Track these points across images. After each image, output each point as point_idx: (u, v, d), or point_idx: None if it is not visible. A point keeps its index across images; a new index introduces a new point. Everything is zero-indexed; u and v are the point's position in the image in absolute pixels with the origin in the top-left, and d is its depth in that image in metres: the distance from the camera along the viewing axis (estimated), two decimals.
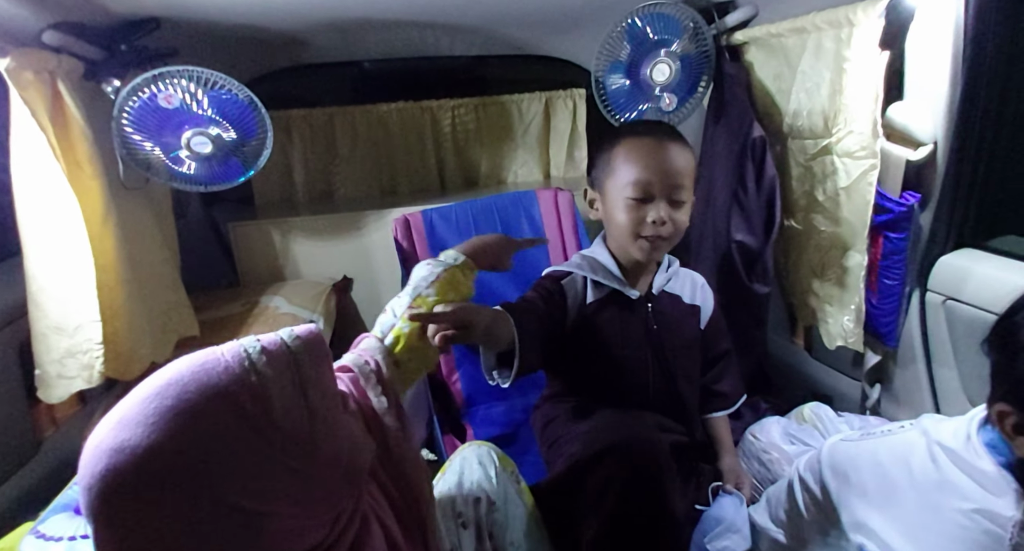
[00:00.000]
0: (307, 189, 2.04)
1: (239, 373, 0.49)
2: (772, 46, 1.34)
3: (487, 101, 2.06)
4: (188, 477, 0.45)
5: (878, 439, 0.76)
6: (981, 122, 1.05)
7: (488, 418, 1.57)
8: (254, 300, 1.60)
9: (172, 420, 0.45)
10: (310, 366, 0.53)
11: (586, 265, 1.11)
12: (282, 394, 0.50)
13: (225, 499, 0.46)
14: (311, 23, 1.48)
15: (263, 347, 0.52)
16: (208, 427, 0.46)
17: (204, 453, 0.46)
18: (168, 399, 0.46)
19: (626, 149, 1.03)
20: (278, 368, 0.51)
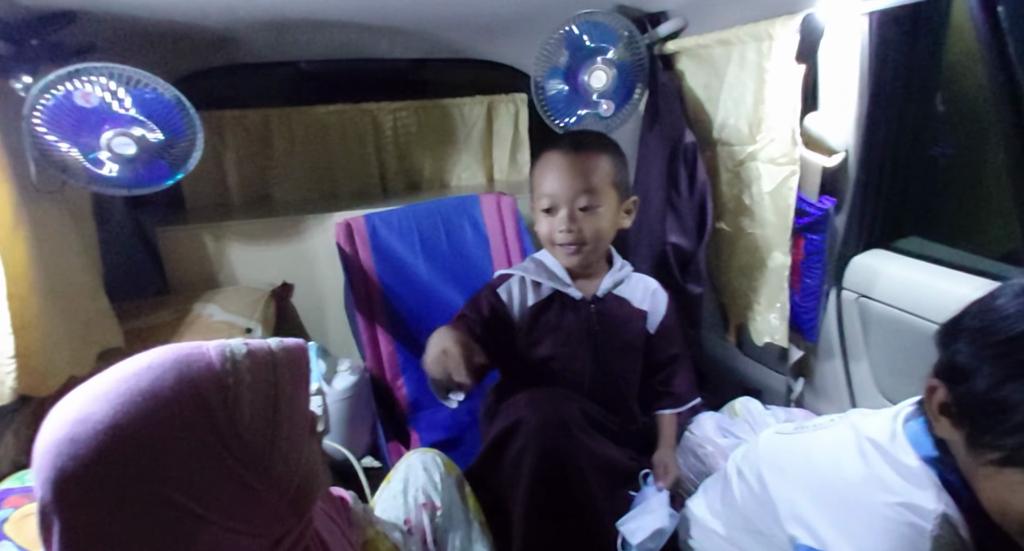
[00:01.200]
0: (242, 192, 1.97)
1: (218, 372, 0.49)
2: (701, 56, 1.40)
3: (429, 105, 2.06)
4: (139, 462, 0.45)
5: (811, 433, 0.78)
6: (886, 132, 1.13)
7: (434, 423, 1.57)
8: (185, 308, 1.53)
9: (140, 403, 0.45)
10: (288, 381, 0.53)
11: (532, 267, 1.15)
12: (253, 403, 0.50)
13: (169, 494, 0.45)
14: (243, 21, 1.44)
15: (249, 350, 0.52)
16: (172, 419, 0.46)
17: (161, 443, 0.45)
18: (143, 382, 0.47)
19: (539, 164, 1.11)
20: (257, 375, 0.51)
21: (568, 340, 1.12)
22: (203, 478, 0.47)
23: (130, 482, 0.44)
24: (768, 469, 0.79)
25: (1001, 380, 0.51)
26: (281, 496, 0.51)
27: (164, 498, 0.45)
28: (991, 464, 0.53)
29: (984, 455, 0.54)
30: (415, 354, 1.62)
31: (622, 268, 1.19)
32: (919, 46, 1.09)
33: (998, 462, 0.53)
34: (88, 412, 0.45)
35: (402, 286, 1.62)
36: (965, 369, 0.55)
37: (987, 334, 0.54)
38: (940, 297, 1.03)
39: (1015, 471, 0.51)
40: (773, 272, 1.29)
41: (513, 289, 1.14)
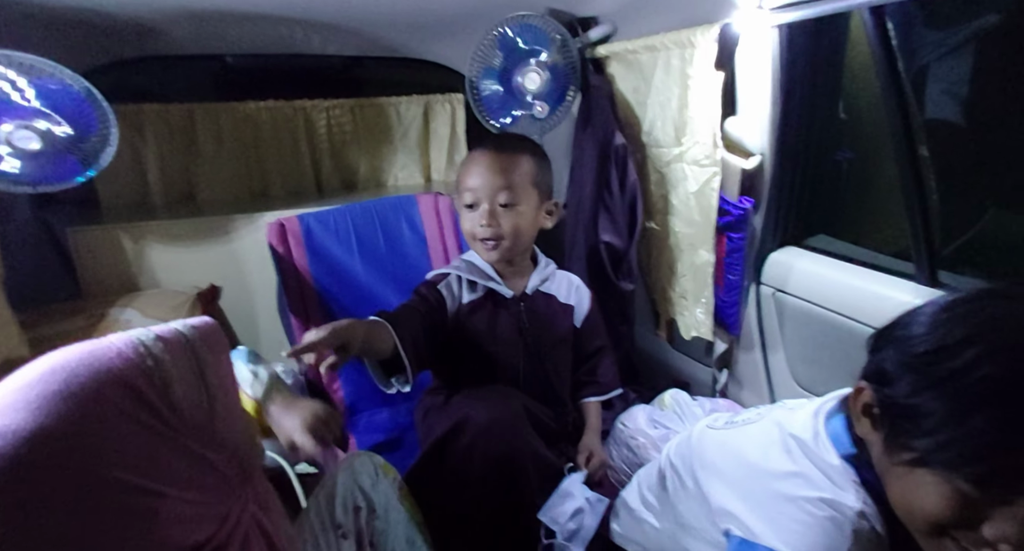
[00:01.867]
0: (164, 191, 1.87)
1: (134, 358, 0.48)
2: (630, 61, 1.45)
3: (364, 103, 2.02)
4: (77, 460, 0.43)
5: (740, 429, 0.80)
6: (796, 137, 1.21)
7: (372, 425, 1.54)
8: (100, 313, 1.44)
9: (59, 404, 0.44)
10: (207, 352, 0.53)
11: (464, 267, 1.16)
12: (181, 378, 0.50)
13: (117, 480, 0.44)
14: (163, 11, 1.37)
15: (157, 335, 0.51)
16: (100, 409, 0.45)
17: (95, 435, 0.44)
18: (53, 384, 0.45)
19: (464, 162, 1.14)
20: (175, 354, 0.51)
21: (501, 338, 1.14)
22: (150, 457, 0.47)
23: (74, 483, 0.43)
24: (700, 465, 0.82)
25: (918, 389, 0.55)
26: (228, 459, 0.53)
27: (116, 487, 0.44)
28: (904, 464, 0.57)
29: (898, 455, 0.57)
30: (356, 356, 1.59)
31: (547, 266, 1.22)
32: (822, 58, 1.17)
33: (910, 462, 0.56)
34: (2, 425, 0.43)
35: (338, 287, 1.59)
36: (889, 375, 0.59)
37: (911, 345, 0.57)
38: (844, 291, 1.12)
39: (925, 472, 0.54)
40: (699, 269, 1.36)
41: (452, 286, 1.15)
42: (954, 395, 0.52)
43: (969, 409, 0.51)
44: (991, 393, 0.50)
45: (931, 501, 0.54)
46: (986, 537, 0.52)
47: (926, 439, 0.54)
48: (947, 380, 0.53)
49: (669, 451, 0.94)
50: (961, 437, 0.51)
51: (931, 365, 0.55)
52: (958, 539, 0.55)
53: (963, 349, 0.53)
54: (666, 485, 0.90)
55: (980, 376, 0.51)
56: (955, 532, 0.54)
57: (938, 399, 0.53)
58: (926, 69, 1.19)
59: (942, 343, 0.55)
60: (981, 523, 0.52)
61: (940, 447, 0.53)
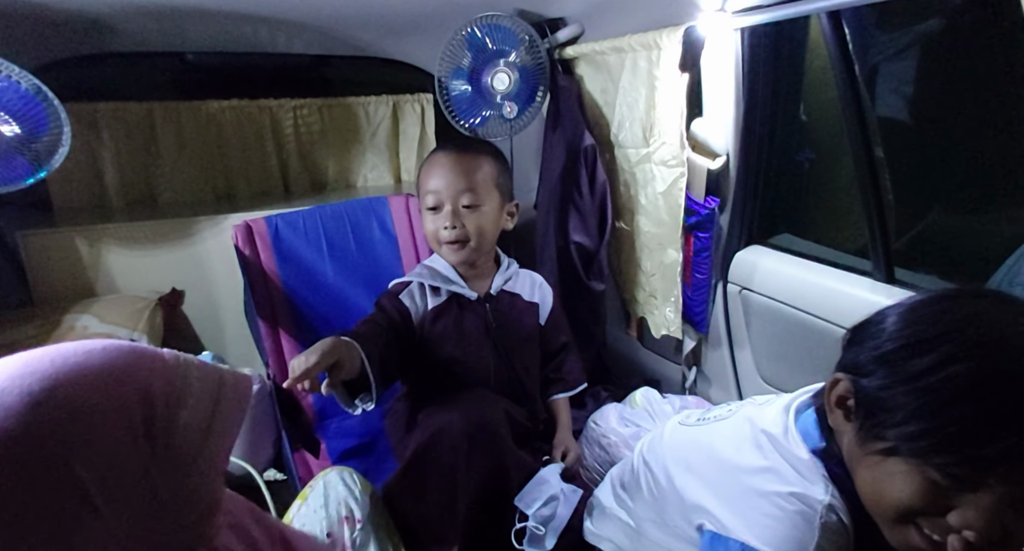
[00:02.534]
0: (122, 193, 1.81)
1: (171, 368, 0.47)
2: (598, 62, 1.46)
3: (332, 103, 1.99)
4: (64, 427, 0.42)
5: (711, 425, 0.82)
6: (759, 138, 1.24)
7: (343, 430, 1.52)
8: (54, 320, 1.39)
9: (88, 374, 0.43)
10: (229, 403, 0.50)
11: (426, 273, 1.16)
12: (193, 411, 0.47)
13: (74, 469, 0.42)
14: (115, 5, 1.32)
15: (200, 362, 0.50)
16: (114, 399, 0.44)
17: (94, 417, 0.43)
18: (94, 358, 0.44)
19: (425, 164, 1.13)
20: (204, 385, 0.49)
21: (469, 341, 1.14)
22: (117, 468, 0.44)
23: (45, 449, 0.41)
24: (673, 462, 0.83)
25: (892, 382, 0.57)
26: (180, 517, 0.48)
27: (69, 471, 0.42)
28: (876, 453, 0.59)
29: (870, 445, 0.59)
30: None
31: (509, 266, 1.23)
32: (783, 61, 1.20)
33: (882, 451, 0.58)
34: (31, 366, 0.43)
35: (308, 290, 1.56)
36: (864, 368, 0.61)
37: (886, 340, 0.60)
38: (807, 288, 1.15)
39: (896, 460, 0.57)
40: (668, 268, 1.37)
41: (414, 295, 1.14)
42: (926, 390, 0.55)
43: (940, 403, 0.54)
44: (961, 388, 0.53)
45: (900, 489, 0.56)
46: (952, 524, 0.54)
47: (898, 429, 0.56)
48: (920, 375, 0.55)
49: (642, 449, 0.95)
50: (932, 429, 0.54)
51: (905, 360, 0.57)
52: (923, 527, 0.57)
53: (935, 345, 0.55)
54: (640, 483, 0.91)
55: (951, 372, 0.53)
56: (921, 520, 0.57)
57: (911, 393, 0.56)
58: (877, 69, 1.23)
59: (916, 339, 0.57)
60: (948, 511, 0.55)
61: (911, 437, 0.55)
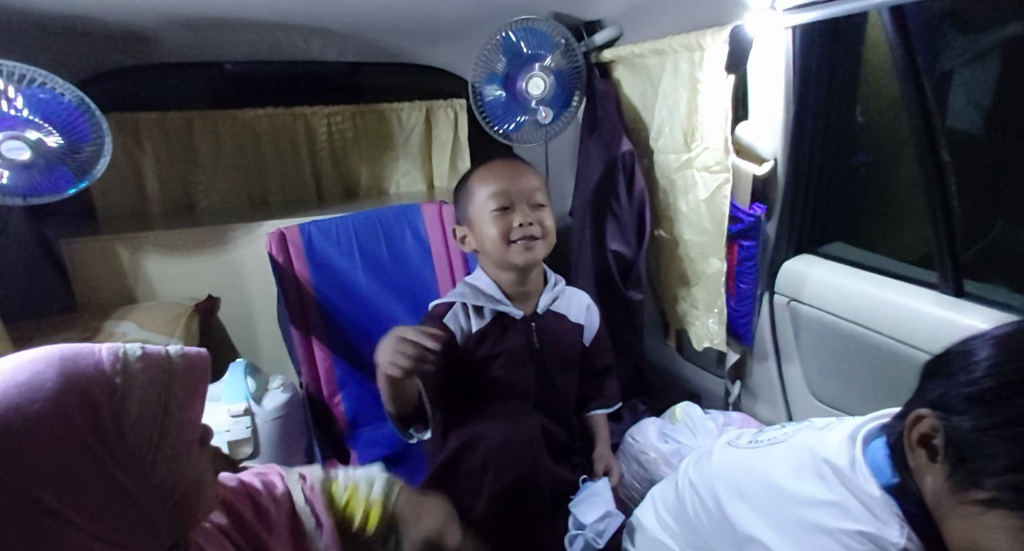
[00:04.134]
0: (162, 201, 1.84)
1: (106, 372, 0.48)
2: (636, 65, 1.41)
3: (365, 109, 1.99)
4: (3, 452, 0.43)
5: (765, 449, 0.75)
6: (810, 141, 1.18)
7: (373, 439, 1.51)
8: (96, 326, 1.41)
9: (14, 394, 0.44)
10: (182, 386, 0.52)
11: (469, 292, 1.12)
12: (141, 405, 0.48)
13: (30, 489, 0.43)
14: (156, 19, 1.34)
15: (144, 353, 0.51)
16: (49, 412, 0.45)
17: (31, 435, 0.44)
18: (20, 374, 0.46)
19: (479, 175, 1.10)
20: (150, 376, 0.50)
21: (512, 361, 1.10)
22: (74, 477, 0.45)
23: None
24: (723, 487, 0.77)
25: (990, 425, 0.51)
26: (160, 505, 0.50)
27: (24, 494, 0.43)
28: (974, 504, 0.52)
29: (966, 493, 0.53)
30: (355, 368, 1.56)
31: (556, 284, 1.18)
32: (838, 59, 1.13)
33: (982, 502, 0.52)
34: None
35: (340, 298, 1.55)
36: (954, 406, 0.54)
37: (978, 376, 0.53)
38: (863, 300, 1.08)
39: (999, 515, 0.50)
40: (710, 278, 1.32)
41: (459, 316, 1.10)
42: None
43: None
44: None
45: (1004, 545, 0.50)
46: None
47: (1000, 478, 0.50)
48: (1022, 420, 0.49)
49: (687, 469, 0.89)
50: None
51: (1006, 400, 0.51)
52: None
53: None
54: (685, 507, 0.85)
55: None
56: None
57: (1016, 439, 0.49)
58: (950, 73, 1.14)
59: (1014, 378, 0.51)
60: None
61: (1018, 489, 0.49)
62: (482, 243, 1.10)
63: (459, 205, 1.14)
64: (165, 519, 0.50)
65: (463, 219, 1.13)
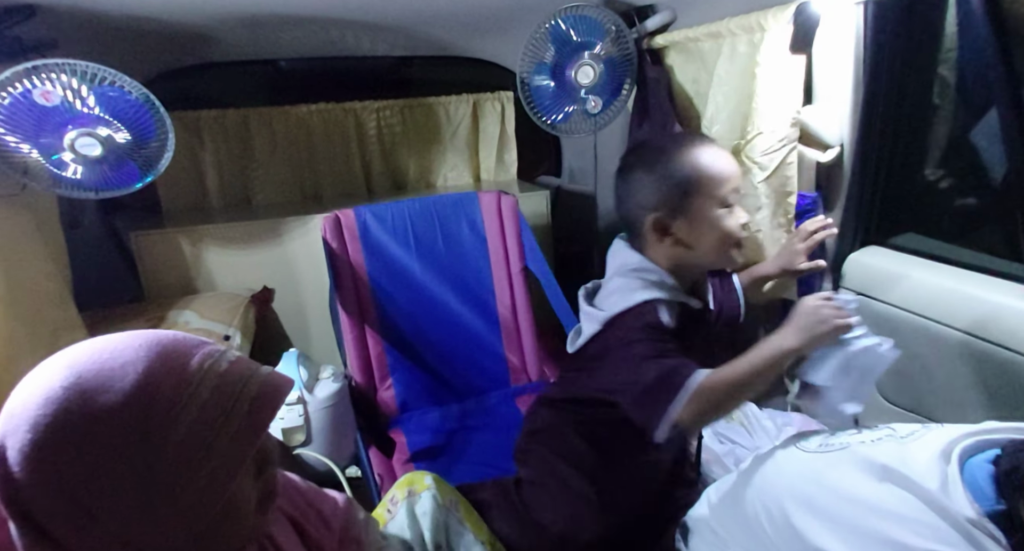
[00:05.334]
0: (221, 195, 1.91)
1: (189, 373, 0.48)
2: (690, 50, 1.36)
3: (413, 103, 2.01)
4: (70, 436, 0.44)
5: (838, 455, 0.70)
6: (881, 127, 1.10)
7: (422, 425, 1.52)
8: (160, 315, 1.47)
9: (95, 380, 0.45)
10: (244, 414, 0.49)
11: (657, 286, 0.95)
12: (196, 422, 0.46)
13: (72, 484, 0.44)
14: (216, 18, 1.39)
15: (228, 368, 0.49)
16: (112, 410, 0.44)
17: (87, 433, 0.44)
18: (118, 360, 0.46)
19: (710, 161, 0.93)
20: (216, 398, 0.48)
21: (697, 354, 0.98)
22: (109, 478, 0.44)
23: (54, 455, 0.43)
24: (790, 496, 0.71)
25: None
26: (186, 528, 0.47)
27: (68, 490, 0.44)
28: None
29: None
30: (405, 355, 1.57)
31: None
32: (915, 37, 1.05)
33: None
34: (51, 373, 0.46)
35: (393, 285, 1.56)
36: None
37: None
38: (943, 295, 1.00)
39: None
40: None
41: (664, 315, 0.94)
42: None
43: None
44: None
45: None
46: None
47: None
48: None
49: (748, 472, 0.83)
50: None
51: None
52: None
53: None
54: (745, 509, 0.80)
55: None
56: None
57: None
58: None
59: None
60: None
61: None
62: (699, 240, 0.94)
63: (672, 191, 0.93)
64: (181, 537, 0.48)
65: (677, 209, 0.93)
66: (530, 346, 1.63)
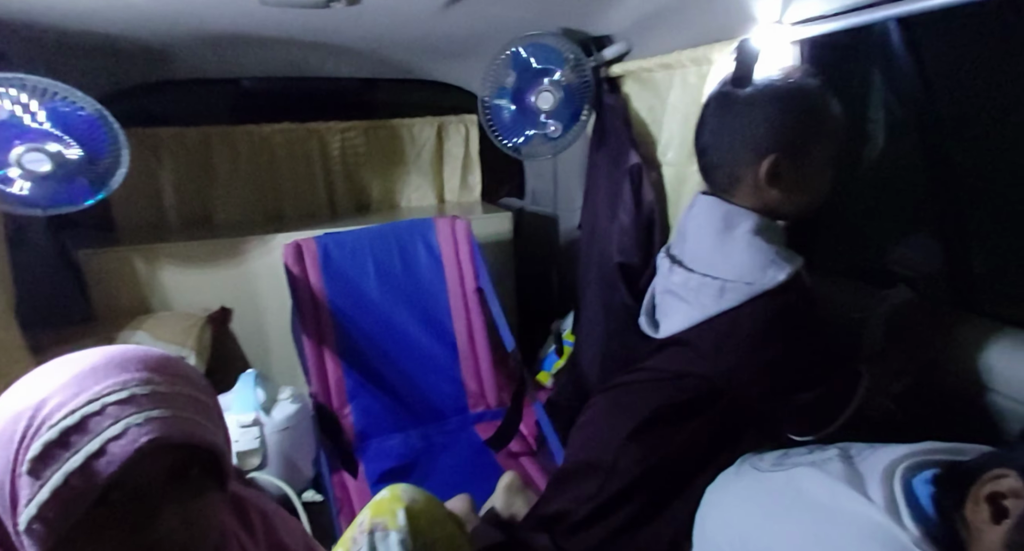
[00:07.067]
0: (180, 213, 1.88)
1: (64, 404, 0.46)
2: (644, 80, 1.42)
3: (378, 125, 2.03)
4: None
5: (787, 474, 0.71)
6: None
7: (383, 451, 1.51)
8: (111, 336, 1.43)
9: None
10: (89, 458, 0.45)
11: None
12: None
13: None
14: (176, 37, 1.38)
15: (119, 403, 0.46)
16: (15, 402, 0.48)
17: None
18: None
19: (832, 100, 0.87)
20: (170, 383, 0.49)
21: None
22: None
23: None
24: (745, 512, 0.72)
25: None
26: None
27: None
28: None
29: None
30: (365, 380, 1.57)
31: None
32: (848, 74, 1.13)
33: None
34: None
35: (353, 310, 1.57)
36: None
37: None
38: None
39: None
40: None
41: None
42: None
43: None
44: None
45: None
46: None
47: None
48: None
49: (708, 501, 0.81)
50: None
51: None
52: None
53: None
54: (705, 530, 0.80)
55: None
56: None
57: None
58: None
59: None
60: None
61: None
62: (809, 187, 0.87)
63: (799, 129, 0.85)
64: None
65: (796, 151, 0.84)
66: (487, 372, 1.64)
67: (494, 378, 1.65)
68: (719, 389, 0.85)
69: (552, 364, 1.83)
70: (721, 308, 0.82)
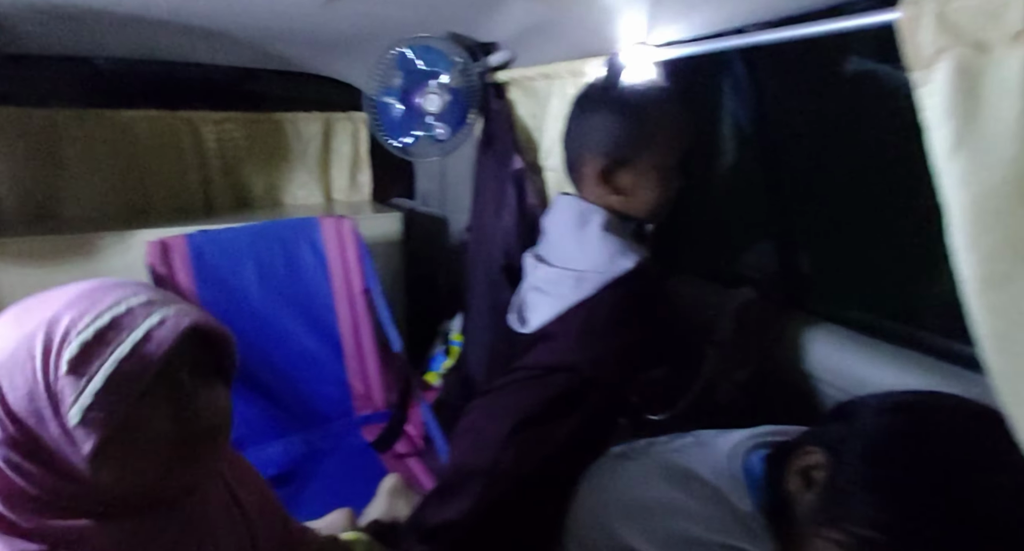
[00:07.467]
0: (20, 205, 1.66)
1: (88, 305, 0.51)
2: (527, 88, 1.48)
3: (259, 118, 1.92)
4: None
5: (641, 462, 0.75)
6: None
7: (261, 460, 1.44)
8: None
9: None
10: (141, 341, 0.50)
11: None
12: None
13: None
14: (16, 5, 1.23)
15: (139, 305, 0.51)
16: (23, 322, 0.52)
17: None
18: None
19: (670, 115, 0.95)
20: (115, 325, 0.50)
21: None
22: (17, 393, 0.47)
23: None
24: (603, 504, 0.75)
25: (872, 484, 0.56)
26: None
27: None
28: (826, 539, 0.57)
29: (824, 529, 0.57)
30: (245, 386, 1.49)
31: None
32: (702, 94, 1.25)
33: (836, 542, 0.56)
34: None
35: (232, 313, 1.48)
36: (848, 456, 0.59)
37: (877, 438, 0.59)
38: None
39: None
40: None
41: None
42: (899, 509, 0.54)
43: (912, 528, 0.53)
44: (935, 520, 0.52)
45: None
46: None
47: (858, 529, 0.55)
48: (895, 491, 0.55)
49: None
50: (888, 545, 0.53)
51: (888, 466, 0.57)
52: None
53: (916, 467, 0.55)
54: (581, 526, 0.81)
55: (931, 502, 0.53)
56: None
57: (885, 503, 0.55)
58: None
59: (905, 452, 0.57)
60: None
61: (869, 543, 0.54)
62: (644, 196, 0.94)
63: (630, 137, 0.93)
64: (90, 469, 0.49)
65: (624, 156, 0.92)
66: (375, 373, 1.63)
67: (381, 379, 1.63)
68: (589, 380, 0.88)
69: (440, 364, 1.84)
70: (579, 298, 0.88)
